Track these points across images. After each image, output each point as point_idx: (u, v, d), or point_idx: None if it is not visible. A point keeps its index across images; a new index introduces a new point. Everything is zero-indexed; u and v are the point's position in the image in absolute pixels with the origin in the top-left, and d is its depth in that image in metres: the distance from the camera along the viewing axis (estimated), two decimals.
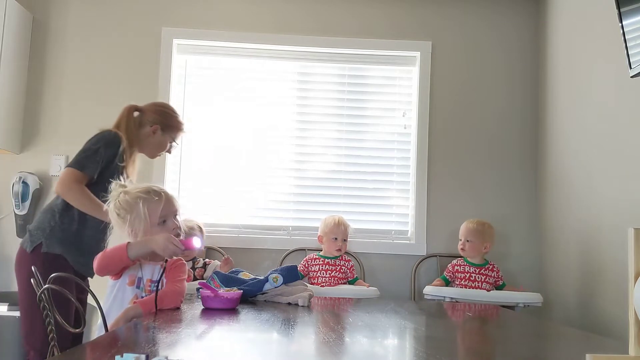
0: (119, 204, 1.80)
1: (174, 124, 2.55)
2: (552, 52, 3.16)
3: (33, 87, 3.25)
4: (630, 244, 0.97)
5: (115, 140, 2.33)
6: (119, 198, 1.81)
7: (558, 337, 1.53)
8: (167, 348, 1.09)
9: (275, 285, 2.01)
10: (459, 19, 3.37)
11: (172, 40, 3.29)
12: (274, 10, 3.34)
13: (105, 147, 2.30)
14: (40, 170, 3.18)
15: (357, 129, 3.38)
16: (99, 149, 2.29)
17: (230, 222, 3.28)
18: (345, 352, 1.16)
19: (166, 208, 1.83)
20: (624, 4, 1.99)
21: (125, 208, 1.79)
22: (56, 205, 2.28)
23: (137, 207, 1.79)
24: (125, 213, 1.79)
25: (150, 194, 1.82)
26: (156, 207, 1.81)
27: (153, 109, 2.52)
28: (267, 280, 2.02)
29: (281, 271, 2.04)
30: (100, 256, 1.72)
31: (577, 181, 2.78)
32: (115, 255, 1.70)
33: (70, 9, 3.30)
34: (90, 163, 2.26)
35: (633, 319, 0.97)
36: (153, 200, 1.81)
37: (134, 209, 1.79)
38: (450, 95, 3.33)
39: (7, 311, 2.75)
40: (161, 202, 1.82)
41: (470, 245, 2.94)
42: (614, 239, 2.41)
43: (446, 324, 1.83)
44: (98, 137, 2.33)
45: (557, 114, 3.05)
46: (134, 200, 1.80)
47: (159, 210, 1.81)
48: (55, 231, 2.24)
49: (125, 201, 1.80)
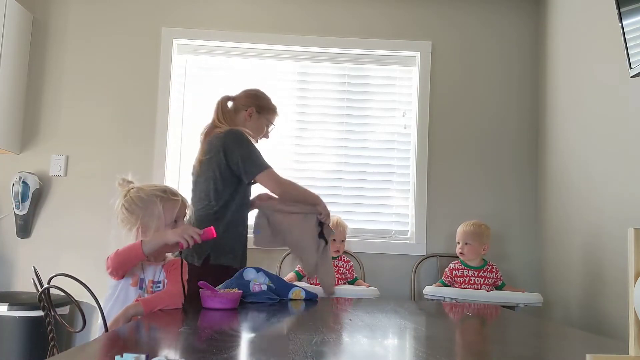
0: (131, 199, 1.79)
1: (268, 105, 2.56)
2: (552, 52, 3.16)
3: (33, 87, 3.25)
4: (630, 244, 0.97)
5: (245, 135, 2.35)
6: (131, 193, 1.80)
7: (558, 337, 1.53)
8: (167, 348, 1.09)
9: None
10: (459, 19, 3.37)
11: (172, 40, 3.29)
12: (274, 10, 3.34)
13: (252, 143, 2.36)
14: (40, 170, 3.19)
15: (357, 129, 3.38)
16: (253, 146, 2.34)
17: None
18: (345, 352, 1.16)
19: (181, 210, 1.83)
20: (624, 4, 1.99)
21: (138, 204, 1.78)
22: (208, 215, 2.27)
23: (152, 205, 1.78)
24: (138, 209, 1.77)
25: (167, 193, 1.82)
26: (173, 207, 1.81)
27: (244, 94, 2.55)
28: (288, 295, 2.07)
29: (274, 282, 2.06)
30: (113, 257, 1.69)
31: (577, 181, 2.78)
32: (131, 253, 1.68)
33: (70, 8, 3.30)
34: (264, 159, 2.33)
35: (633, 319, 0.97)
36: (170, 199, 1.81)
37: (148, 206, 1.78)
38: (450, 95, 3.33)
39: (7, 311, 2.74)
40: (178, 202, 1.83)
41: (469, 248, 2.92)
42: (614, 239, 2.41)
43: (446, 324, 1.83)
44: (239, 138, 2.32)
45: (557, 114, 3.05)
46: (150, 197, 1.79)
47: (175, 210, 1.81)
48: (218, 242, 2.13)
49: (139, 197, 1.79)
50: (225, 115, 2.44)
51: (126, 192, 1.81)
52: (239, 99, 2.53)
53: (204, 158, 2.32)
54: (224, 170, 2.29)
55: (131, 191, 1.80)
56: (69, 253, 3.12)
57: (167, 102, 3.25)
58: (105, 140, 3.23)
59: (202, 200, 2.33)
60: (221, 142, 2.29)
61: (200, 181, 2.35)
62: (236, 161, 2.27)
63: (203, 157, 2.32)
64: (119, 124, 3.24)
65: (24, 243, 3.16)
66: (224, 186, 2.30)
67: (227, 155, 2.27)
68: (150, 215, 1.77)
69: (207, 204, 2.31)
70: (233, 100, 2.52)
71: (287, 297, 2.07)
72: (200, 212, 2.30)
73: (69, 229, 3.15)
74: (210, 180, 2.31)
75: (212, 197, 2.30)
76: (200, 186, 2.35)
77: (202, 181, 2.34)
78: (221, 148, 2.28)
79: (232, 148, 2.28)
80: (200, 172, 2.35)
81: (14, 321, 2.75)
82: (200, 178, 2.35)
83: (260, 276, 2.04)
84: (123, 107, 3.25)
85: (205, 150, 2.34)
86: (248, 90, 2.59)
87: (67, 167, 3.21)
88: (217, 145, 2.30)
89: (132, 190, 1.80)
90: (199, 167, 2.35)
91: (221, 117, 2.43)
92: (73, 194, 3.19)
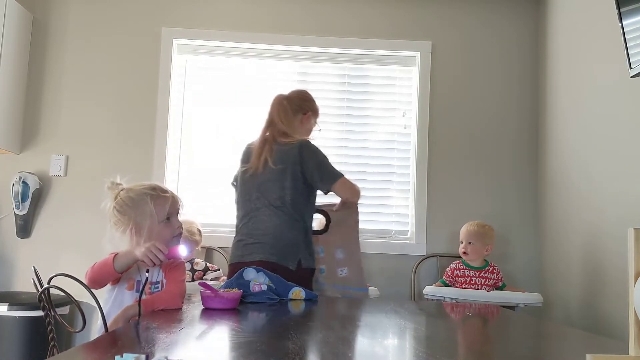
0: (122, 201, 1.77)
1: (318, 109, 2.66)
2: (552, 52, 3.16)
3: (33, 87, 3.25)
4: (630, 244, 0.97)
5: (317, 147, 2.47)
6: (121, 195, 1.79)
7: (558, 337, 1.53)
8: (167, 348, 1.09)
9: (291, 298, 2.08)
10: (459, 19, 3.37)
11: (172, 40, 3.29)
12: (274, 10, 3.34)
13: (323, 153, 2.47)
14: (40, 170, 3.19)
15: (357, 129, 3.38)
16: (325, 156, 2.46)
17: (230, 222, 3.26)
18: (345, 352, 1.16)
19: (172, 206, 1.82)
20: (624, 4, 1.99)
21: (129, 204, 1.77)
22: (287, 222, 2.35)
23: (143, 204, 1.76)
24: (129, 210, 1.76)
25: (157, 191, 1.81)
26: (164, 204, 1.79)
27: (300, 96, 2.60)
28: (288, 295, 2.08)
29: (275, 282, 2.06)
30: (89, 271, 1.68)
31: (578, 181, 2.77)
32: (103, 269, 1.66)
33: (70, 9, 3.30)
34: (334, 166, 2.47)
35: (633, 319, 0.96)
36: (161, 196, 1.80)
37: (139, 206, 1.76)
38: (450, 95, 3.33)
39: (7, 311, 2.74)
40: (169, 199, 1.81)
41: (473, 248, 2.91)
42: (614, 239, 2.41)
43: (446, 324, 1.83)
44: (313, 150, 2.43)
45: (557, 114, 3.05)
46: (140, 196, 1.78)
47: (167, 207, 1.79)
48: (307, 246, 2.38)
49: (129, 197, 1.78)
50: (285, 115, 2.50)
51: (116, 195, 1.80)
52: (294, 100, 2.57)
53: (275, 167, 2.37)
54: (300, 182, 2.38)
55: (121, 193, 1.79)
56: (69, 253, 3.12)
57: (167, 102, 3.25)
58: (105, 140, 3.23)
59: (277, 207, 2.37)
60: (297, 155, 2.38)
61: (269, 186, 2.39)
62: (312, 174, 2.39)
63: (275, 166, 2.37)
64: (119, 124, 3.24)
65: (24, 243, 3.16)
66: (300, 196, 2.39)
67: (303, 168, 2.38)
68: (143, 215, 1.76)
69: (283, 212, 2.36)
70: (287, 101, 2.55)
71: (287, 297, 2.07)
72: (275, 219, 2.36)
73: (69, 229, 3.15)
74: (287, 190, 2.37)
75: (289, 205, 2.37)
76: (270, 191, 2.39)
77: (273, 187, 2.38)
78: (298, 160, 2.37)
79: (308, 161, 2.39)
80: (270, 177, 2.39)
81: (14, 321, 2.75)
82: (268, 183, 2.39)
83: (260, 276, 2.04)
84: (123, 107, 3.25)
85: (276, 159, 2.39)
86: (301, 92, 2.64)
87: (67, 167, 3.21)
88: (292, 157, 2.38)
89: (122, 192, 1.79)
90: (268, 172, 2.39)
91: (283, 117, 2.48)
92: (73, 194, 3.19)
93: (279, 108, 2.50)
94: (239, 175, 2.51)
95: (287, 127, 2.46)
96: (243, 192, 2.45)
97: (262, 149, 2.42)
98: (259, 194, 2.40)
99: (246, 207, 2.42)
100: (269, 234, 2.33)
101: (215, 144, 3.33)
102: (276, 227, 2.34)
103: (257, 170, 2.40)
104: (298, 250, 2.33)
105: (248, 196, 2.42)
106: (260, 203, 2.38)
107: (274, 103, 2.53)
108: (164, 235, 1.78)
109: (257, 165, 2.40)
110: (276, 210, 2.36)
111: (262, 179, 2.40)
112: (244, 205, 2.44)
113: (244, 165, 2.47)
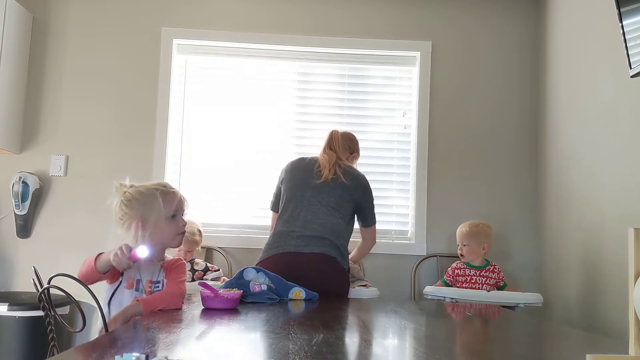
0: (130, 195, 1.80)
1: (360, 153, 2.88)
2: (552, 52, 3.16)
3: (33, 87, 3.25)
4: (630, 244, 0.97)
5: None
6: (130, 190, 1.81)
7: (558, 337, 1.53)
8: (167, 348, 1.09)
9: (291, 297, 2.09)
10: (459, 19, 3.37)
11: (172, 40, 3.29)
12: (274, 10, 3.34)
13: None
14: (40, 170, 3.19)
15: (357, 129, 3.36)
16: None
17: (230, 222, 3.28)
18: (345, 352, 1.16)
19: (179, 204, 1.86)
20: (624, 4, 1.99)
21: (138, 198, 1.79)
22: (340, 224, 2.48)
23: (152, 198, 1.80)
24: (137, 204, 1.78)
25: (166, 187, 1.86)
26: (172, 200, 1.84)
27: (351, 138, 2.81)
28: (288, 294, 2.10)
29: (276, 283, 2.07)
30: (79, 270, 1.70)
31: (577, 181, 2.77)
32: (89, 269, 1.69)
33: (70, 8, 3.30)
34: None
35: (633, 319, 0.96)
36: (170, 192, 1.85)
37: (148, 199, 1.79)
38: (450, 95, 3.33)
39: (7, 311, 2.74)
40: (177, 195, 1.86)
41: (468, 249, 2.92)
42: (614, 239, 2.41)
43: (446, 324, 1.83)
44: (369, 187, 2.62)
45: (557, 114, 3.05)
46: (149, 190, 1.82)
47: (174, 203, 1.84)
48: (345, 249, 2.51)
49: (139, 192, 1.81)
50: (342, 147, 2.70)
51: (125, 191, 1.82)
52: (346, 138, 2.76)
53: (346, 182, 2.52)
54: (351, 209, 2.55)
55: (130, 189, 1.82)
56: (68, 253, 3.12)
57: (167, 102, 3.25)
58: (105, 140, 3.23)
59: (333, 209, 2.49)
60: (362, 186, 2.58)
61: (328, 191, 2.50)
62: (364, 209, 2.61)
63: (346, 181, 2.52)
64: (119, 124, 3.24)
65: (24, 243, 3.16)
66: (349, 223, 2.56)
67: (362, 199, 2.57)
68: (151, 209, 1.79)
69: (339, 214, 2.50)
70: (342, 136, 2.73)
71: (287, 297, 2.07)
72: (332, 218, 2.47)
73: (69, 229, 3.15)
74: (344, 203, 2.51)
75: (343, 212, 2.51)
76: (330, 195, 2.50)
77: (334, 194, 2.50)
78: (361, 191, 2.57)
79: (367, 199, 2.61)
80: (333, 186, 2.52)
81: (14, 321, 2.75)
82: (329, 189, 2.51)
83: (260, 276, 2.04)
84: (123, 107, 3.25)
85: (349, 185, 2.53)
86: (351, 135, 2.83)
87: (67, 167, 3.21)
88: (360, 186, 2.57)
89: (131, 189, 1.82)
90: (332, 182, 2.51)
91: (340, 146, 2.68)
92: (73, 194, 3.19)
93: (336, 139, 2.69)
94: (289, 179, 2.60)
95: (342, 155, 2.65)
96: (294, 188, 2.54)
97: (331, 163, 2.57)
98: (314, 193, 2.50)
99: (297, 200, 2.50)
100: (328, 229, 2.42)
101: (215, 144, 3.33)
102: (334, 226, 2.45)
103: (325, 180, 2.52)
104: (345, 250, 2.49)
105: (302, 192, 2.51)
106: (315, 200, 2.48)
107: (331, 134, 2.71)
108: (169, 231, 1.81)
109: (326, 174, 2.52)
110: (333, 211, 2.47)
111: (325, 185, 2.51)
112: (294, 198, 2.51)
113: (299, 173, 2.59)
